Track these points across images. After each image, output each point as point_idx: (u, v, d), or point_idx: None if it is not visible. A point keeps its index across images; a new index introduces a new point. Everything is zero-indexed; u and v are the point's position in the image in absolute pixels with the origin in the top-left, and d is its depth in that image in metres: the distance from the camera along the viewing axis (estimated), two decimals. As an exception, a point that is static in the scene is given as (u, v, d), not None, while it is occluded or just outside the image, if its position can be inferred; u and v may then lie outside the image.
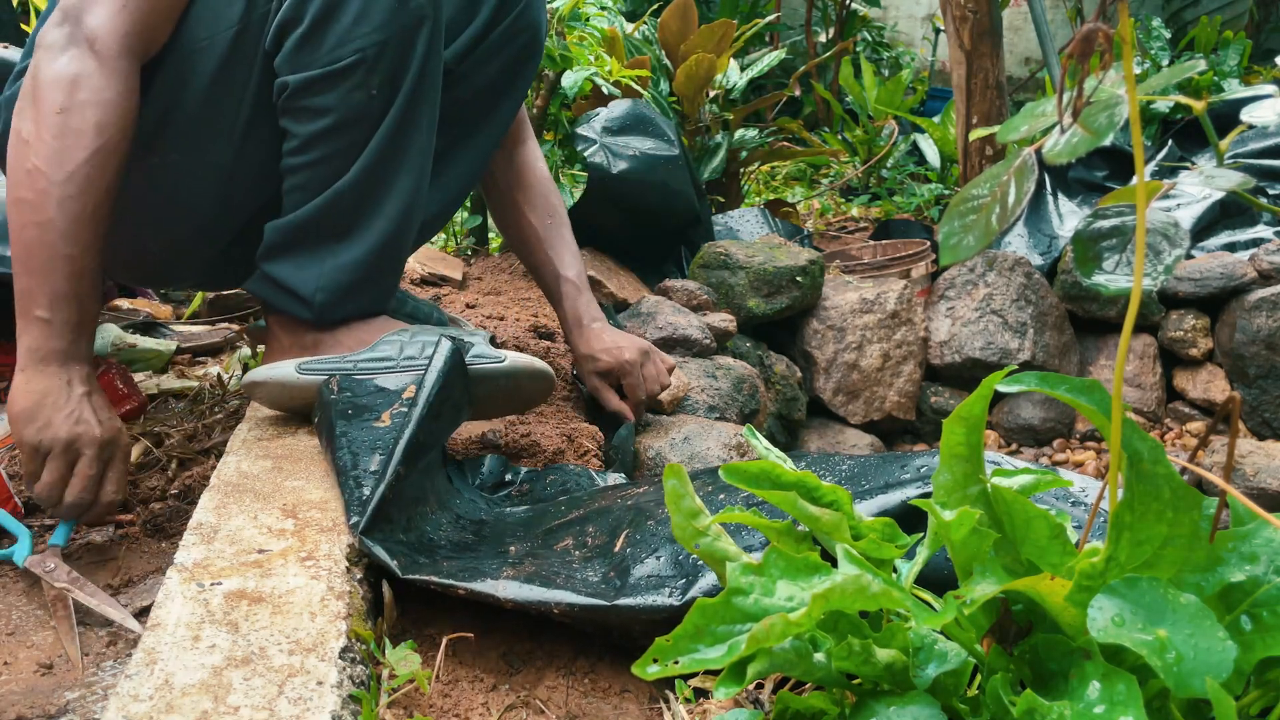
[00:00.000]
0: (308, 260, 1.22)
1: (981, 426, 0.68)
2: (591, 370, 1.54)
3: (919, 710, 0.60)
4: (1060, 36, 5.34)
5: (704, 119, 3.03)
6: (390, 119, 1.17)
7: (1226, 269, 2.70)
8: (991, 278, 2.78)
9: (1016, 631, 0.66)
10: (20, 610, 1.04)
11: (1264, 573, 0.60)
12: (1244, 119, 0.67)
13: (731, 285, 2.35)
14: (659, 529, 0.96)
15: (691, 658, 0.59)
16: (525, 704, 0.86)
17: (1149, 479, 0.59)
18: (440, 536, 1.05)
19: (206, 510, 1.00)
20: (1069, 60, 0.53)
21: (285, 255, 1.23)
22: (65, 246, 1.02)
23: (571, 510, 1.13)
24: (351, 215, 1.21)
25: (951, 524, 0.64)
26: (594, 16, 2.33)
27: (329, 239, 1.21)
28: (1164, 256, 0.60)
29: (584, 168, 2.27)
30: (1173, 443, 2.68)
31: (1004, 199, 0.60)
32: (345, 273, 1.21)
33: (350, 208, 1.20)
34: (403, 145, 1.20)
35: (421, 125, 1.21)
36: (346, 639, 0.81)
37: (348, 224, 1.21)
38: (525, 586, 0.89)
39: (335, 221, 1.20)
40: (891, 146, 4.14)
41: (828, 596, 0.58)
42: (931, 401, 2.71)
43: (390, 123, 1.17)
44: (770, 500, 0.70)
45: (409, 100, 1.18)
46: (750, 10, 4.85)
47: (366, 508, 0.96)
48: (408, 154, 1.21)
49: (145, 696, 0.72)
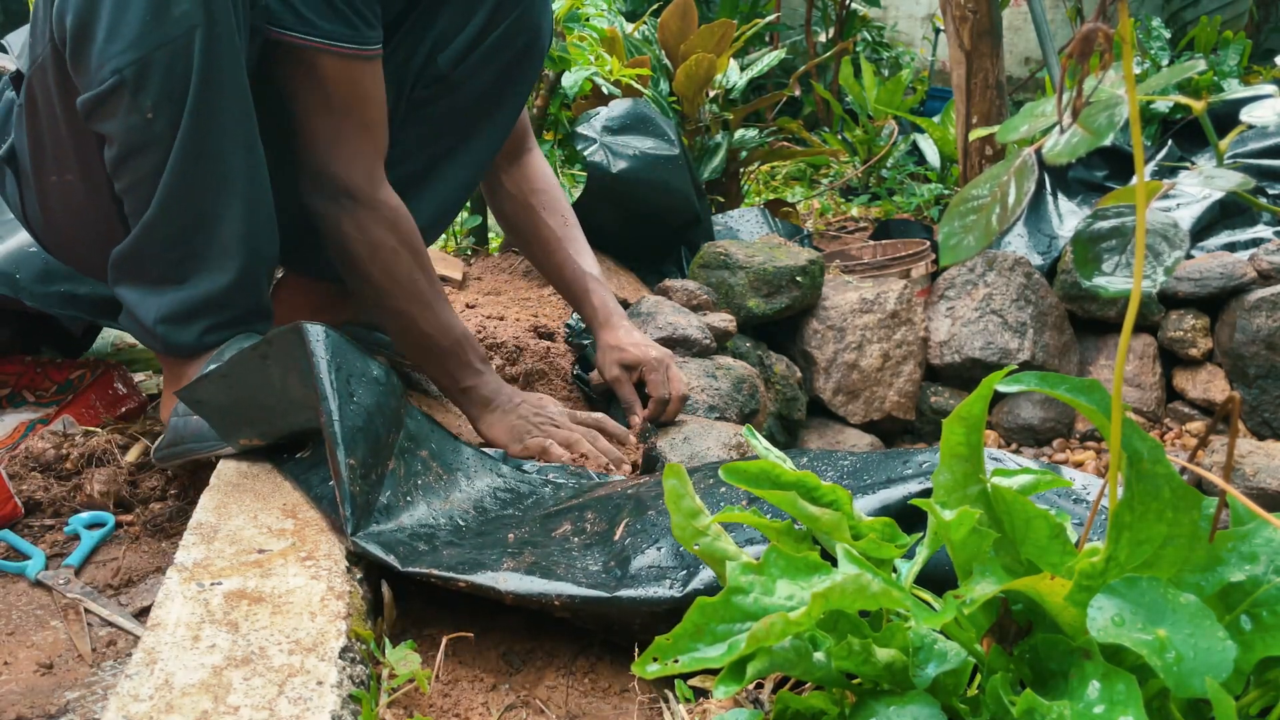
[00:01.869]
0: (147, 291, 1.17)
1: (981, 426, 0.68)
2: (616, 360, 1.53)
3: (919, 710, 0.60)
4: (1060, 36, 5.34)
5: (704, 119, 3.03)
6: (180, 142, 1.07)
7: (1226, 269, 2.70)
8: (991, 278, 2.78)
9: (1016, 631, 0.66)
10: (20, 610, 1.04)
11: (1264, 572, 0.60)
12: (1244, 119, 0.67)
13: (731, 285, 2.35)
14: (659, 519, 0.96)
15: (691, 656, 0.59)
16: (525, 704, 0.86)
17: (1149, 479, 0.59)
18: (441, 513, 1.05)
19: (206, 510, 1.00)
20: (1069, 60, 0.53)
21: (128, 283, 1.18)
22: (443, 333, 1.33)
23: (571, 498, 1.13)
24: (175, 248, 1.13)
25: (951, 524, 0.64)
26: (593, 16, 2.33)
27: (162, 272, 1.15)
28: (1164, 257, 0.60)
29: (584, 167, 2.27)
30: (1173, 443, 2.68)
31: (1004, 199, 0.60)
32: (183, 305, 1.15)
33: (169, 240, 1.13)
34: (209, 168, 1.10)
35: (229, 143, 1.11)
36: (346, 639, 0.81)
37: (177, 256, 1.14)
38: (526, 579, 0.89)
39: (159, 255, 1.14)
40: (891, 146, 4.14)
41: (827, 596, 0.58)
42: (931, 401, 2.71)
43: (181, 146, 1.07)
44: (770, 500, 0.70)
45: (198, 119, 1.07)
46: (750, 10, 4.85)
47: (345, 510, 0.96)
48: (223, 177, 1.11)
49: (145, 696, 0.72)
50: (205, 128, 1.08)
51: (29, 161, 1.24)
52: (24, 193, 1.28)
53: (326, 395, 1.00)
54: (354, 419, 1.00)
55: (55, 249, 1.33)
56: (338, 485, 0.97)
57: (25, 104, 1.20)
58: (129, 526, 1.21)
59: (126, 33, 1.03)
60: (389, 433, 1.07)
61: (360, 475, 0.98)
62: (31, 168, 1.24)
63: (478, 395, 1.37)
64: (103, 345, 1.71)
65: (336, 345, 1.04)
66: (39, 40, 1.14)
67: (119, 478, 1.26)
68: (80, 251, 1.28)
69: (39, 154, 1.22)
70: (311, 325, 1.04)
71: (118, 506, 1.24)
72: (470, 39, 1.33)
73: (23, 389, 1.49)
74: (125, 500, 1.25)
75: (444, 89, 1.34)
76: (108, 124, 1.08)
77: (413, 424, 1.14)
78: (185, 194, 1.10)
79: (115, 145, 1.09)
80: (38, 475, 1.27)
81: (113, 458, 1.30)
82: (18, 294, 1.42)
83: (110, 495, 1.25)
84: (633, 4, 4.36)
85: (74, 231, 1.26)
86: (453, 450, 1.17)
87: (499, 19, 1.34)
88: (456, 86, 1.35)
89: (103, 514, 1.21)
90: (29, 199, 1.27)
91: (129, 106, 1.05)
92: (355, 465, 0.98)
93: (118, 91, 1.05)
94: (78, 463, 1.28)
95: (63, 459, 1.29)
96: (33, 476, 1.26)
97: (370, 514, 0.98)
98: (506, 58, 1.38)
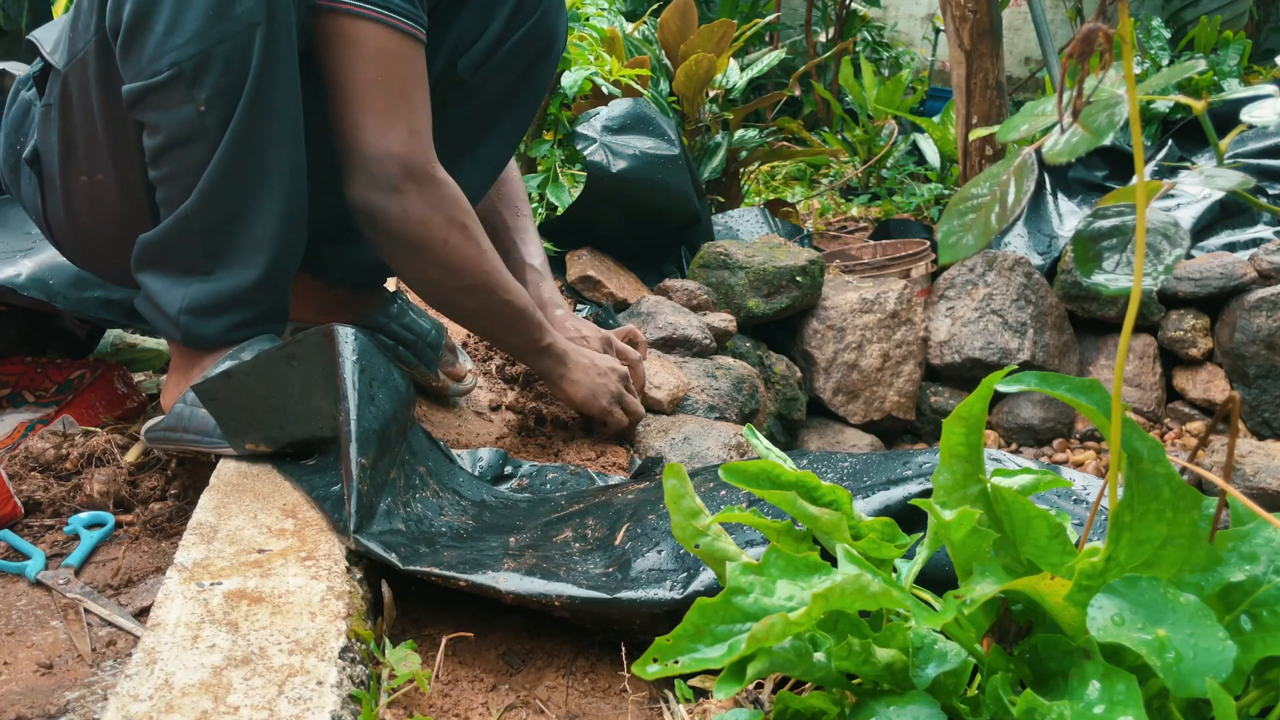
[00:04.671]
0: (173, 280, 1.16)
1: (981, 426, 0.68)
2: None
3: (919, 710, 0.60)
4: (1060, 36, 5.34)
5: (704, 119, 3.03)
6: (230, 136, 1.08)
7: (1226, 269, 2.70)
8: (991, 277, 2.78)
9: (1016, 631, 0.66)
10: (20, 610, 1.04)
11: (1264, 572, 0.60)
12: (1244, 119, 0.66)
13: (731, 285, 2.36)
14: (659, 523, 0.96)
15: (691, 657, 0.59)
16: (525, 704, 0.86)
17: (1149, 479, 0.59)
18: (440, 523, 1.05)
19: (206, 510, 1.00)
20: (1069, 60, 0.53)
21: (153, 270, 1.18)
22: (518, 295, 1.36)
23: (571, 503, 1.13)
24: (210, 240, 1.13)
25: (951, 524, 0.64)
26: (593, 16, 2.33)
27: (192, 262, 1.15)
28: (1164, 256, 0.60)
29: (584, 167, 2.27)
30: (1173, 443, 2.69)
31: (1003, 198, 0.60)
32: (210, 298, 1.15)
33: (205, 231, 1.13)
34: (254, 164, 1.11)
35: (276, 140, 1.12)
36: (346, 639, 0.81)
37: (209, 248, 1.14)
38: (526, 579, 0.89)
39: (192, 245, 1.14)
40: (891, 146, 4.14)
41: (828, 596, 0.58)
42: (931, 401, 2.71)
43: (230, 140, 1.08)
44: (770, 500, 0.70)
45: (250, 115, 1.08)
46: (750, 10, 4.85)
47: (350, 507, 0.96)
48: (265, 173, 1.12)
49: (145, 696, 0.72)
50: (256, 123, 1.09)
51: (56, 162, 1.22)
52: (46, 195, 1.27)
53: (348, 394, 1.02)
54: (371, 421, 1.02)
55: (74, 253, 1.32)
56: (346, 483, 0.97)
57: (59, 102, 1.19)
58: (129, 526, 1.21)
59: (188, 26, 1.04)
60: (398, 441, 1.08)
61: (369, 476, 0.99)
62: (59, 168, 1.22)
63: (557, 351, 1.41)
64: (103, 345, 1.71)
65: (364, 348, 1.06)
66: (81, 34, 1.13)
67: (119, 478, 1.26)
68: (105, 254, 1.27)
69: (69, 153, 1.21)
70: (342, 327, 1.06)
71: (118, 506, 1.24)
72: (489, 44, 1.33)
73: (23, 389, 1.49)
74: (125, 500, 1.25)
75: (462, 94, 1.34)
76: (156, 113, 1.08)
77: (414, 439, 1.15)
78: (227, 187, 1.11)
79: (161, 134, 1.09)
80: (38, 475, 1.27)
81: (113, 458, 1.30)
82: (52, 300, 1.42)
83: (110, 495, 1.25)
84: (633, 4, 4.36)
85: (100, 233, 1.25)
86: (448, 471, 1.19)
87: (517, 23, 1.34)
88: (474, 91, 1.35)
89: (103, 514, 1.21)
90: (51, 201, 1.26)
91: (183, 98, 1.06)
92: (366, 465, 0.99)
93: (173, 83, 1.05)
94: (78, 463, 1.28)
95: (63, 459, 1.29)
96: (33, 476, 1.26)
97: (372, 517, 0.98)
98: (524, 63, 1.37)
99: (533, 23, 1.34)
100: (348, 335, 1.05)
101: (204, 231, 1.13)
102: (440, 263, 1.28)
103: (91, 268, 1.34)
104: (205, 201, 1.11)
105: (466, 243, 1.28)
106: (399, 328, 1.48)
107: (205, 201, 1.11)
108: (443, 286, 1.32)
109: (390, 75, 1.18)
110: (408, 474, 1.09)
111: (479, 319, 1.38)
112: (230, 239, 1.14)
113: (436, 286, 1.32)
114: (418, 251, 1.27)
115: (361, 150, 1.21)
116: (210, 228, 1.13)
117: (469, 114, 1.37)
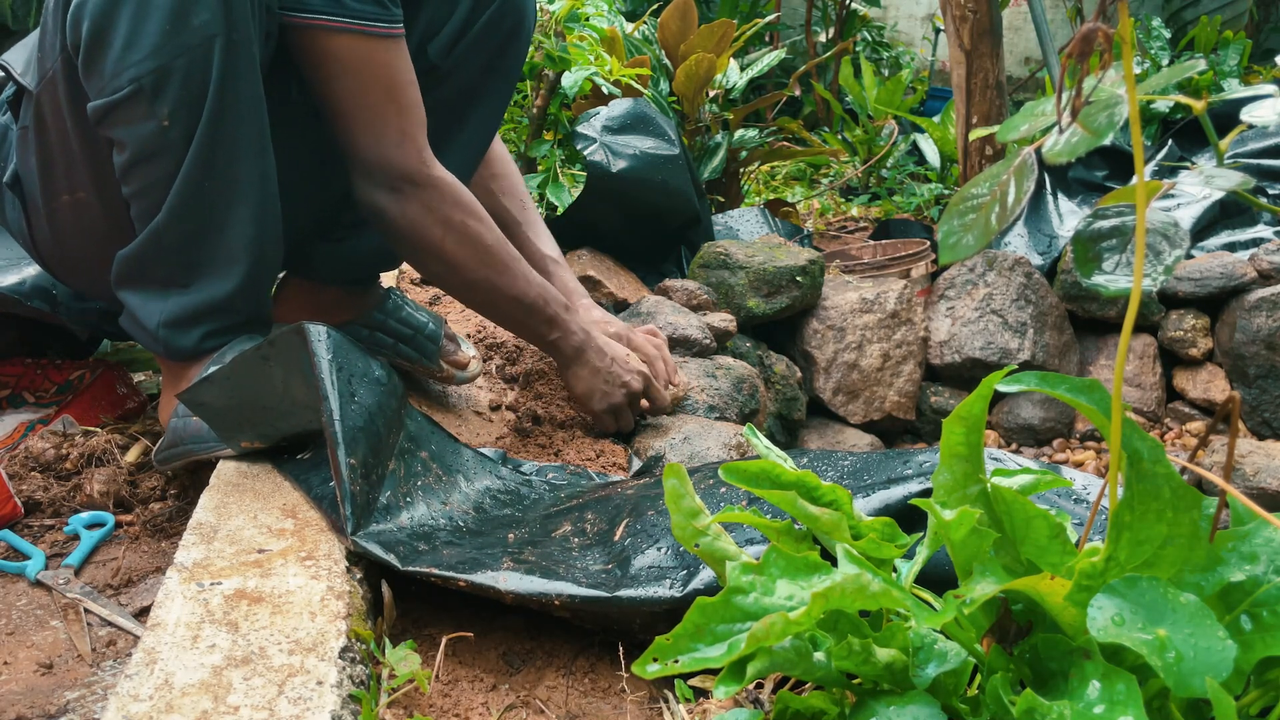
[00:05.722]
0: (151, 295, 1.17)
1: (981, 426, 0.68)
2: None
3: (919, 710, 0.60)
4: (1060, 36, 5.34)
5: (704, 119, 3.03)
6: (195, 149, 1.08)
7: (1226, 269, 2.70)
8: (991, 277, 2.78)
9: (1016, 631, 0.66)
10: (20, 610, 1.04)
11: (1264, 572, 0.60)
12: (1244, 119, 0.66)
13: (731, 285, 2.35)
14: (659, 519, 0.96)
15: (691, 657, 0.59)
16: (525, 704, 0.86)
17: (1149, 479, 0.59)
18: (441, 516, 1.05)
19: (206, 510, 1.00)
20: (1069, 60, 0.53)
21: (132, 286, 1.18)
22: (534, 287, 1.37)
23: (571, 499, 1.13)
24: (184, 253, 1.14)
25: (951, 523, 0.64)
26: (593, 16, 2.33)
27: (169, 275, 1.15)
28: (1164, 256, 0.60)
29: (584, 167, 2.27)
30: (1173, 443, 2.68)
31: (1003, 198, 0.60)
32: (187, 310, 1.15)
33: (178, 245, 1.13)
34: (222, 176, 1.11)
35: (243, 151, 1.11)
36: (346, 639, 0.81)
37: (184, 260, 1.14)
38: (526, 578, 0.89)
39: (167, 259, 1.14)
40: (891, 146, 4.14)
41: (827, 596, 0.58)
42: (931, 401, 2.71)
43: (196, 153, 1.08)
44: (770, 499, 0.70)
45: (214, 127, 1.08)
46: (750, 10, 4.85)
47: (345, 509, 0.96)
48: (234, 184, 1.12)
49: (145, 696, 0.72)
50: (220, 135, 1.09)
51: (37, 184, 1.22)
52: (31, 218, 1.26)
53: (328, 394, 1.00)
54: (355, 419, 1.01)
55: (65, 274, 1.32)
56: (338, 485, 0.97)
57: (34, 123, 1.19)
58: (129, 526, 1.21)
59: (146, 41, 1.03)
60: (390, 433, 1.07)
61: (361, 475, 0.98)
62: (41, 189, 1.22)
63: (566, 346, 1.42)
64: (103, 346, 1.71)
65: (338, 345, 1.04)
66: (49, 54, 1.13)
67: (119, 478, 1.26)
68: (93, 272, 1.26)
69: (49, 174, 1.21)
70: (313, 325, 1.04)
71: (117, 506, 1.25)
72: (458, 27, 1.33)
73: (23, 390, 1.49)
74: (125, 500, 1.25)
75: (435, 79, 1.33)
76: (120, 130, 1.08)
77: (413, 425, 1.14)
78: (196, 200, 1.11)
79: (127, 151, 1.09)
80: (38, 475, 1.27)
81: (112, 458, 1.30)
82: (56, 310, 1.43)
83: (110, 495, 1.25)
84: (633, 4, 4.36)
85: (86, 252, 1.25)
86: (452, 452, 1.18)
87: (485, 3, 1.34)
88: (447, 75, 1.35)
89: (102, 514, 1.21)
90: (37, 224, 1.26)
91: (145, 114, 1.06)
92: (356, 465, 0.98)
93: (134, 99, 1.05)
94: (77, 463, 1.29)
95: (62, 459, 1.29)
96: (33, 476, 1.26)
97: (370, 514, 0.98)
98: (494, 43, 1.37)
99: (500, 2, 1.34)
100: (320, 333, 1.03)
101: (178, 245, 1.13)
102: (441, 261, 1.31)
103: (83, 287, 1.35)
104: (176, 215, 1.11)
105: (464, 242, 1.30)
106: (396, 323, 1.48)
107: (176, 215, 1.11)
108: (448, 281, 1.36)
109: (373, 85, 1.19)
110: (408, 463, 1.09)
111: (488, 311, 1.42)
112: (204, 251, 1.14)
113: (443, 281, 1.37)
114: (419, 250, 1.31)
115: (358, 157, 1.23)
116: (183, 241, 1.13)
117: (445, 99, 1.37)
